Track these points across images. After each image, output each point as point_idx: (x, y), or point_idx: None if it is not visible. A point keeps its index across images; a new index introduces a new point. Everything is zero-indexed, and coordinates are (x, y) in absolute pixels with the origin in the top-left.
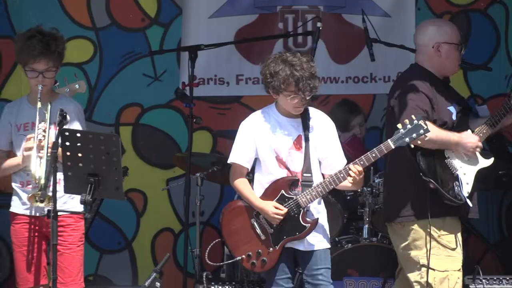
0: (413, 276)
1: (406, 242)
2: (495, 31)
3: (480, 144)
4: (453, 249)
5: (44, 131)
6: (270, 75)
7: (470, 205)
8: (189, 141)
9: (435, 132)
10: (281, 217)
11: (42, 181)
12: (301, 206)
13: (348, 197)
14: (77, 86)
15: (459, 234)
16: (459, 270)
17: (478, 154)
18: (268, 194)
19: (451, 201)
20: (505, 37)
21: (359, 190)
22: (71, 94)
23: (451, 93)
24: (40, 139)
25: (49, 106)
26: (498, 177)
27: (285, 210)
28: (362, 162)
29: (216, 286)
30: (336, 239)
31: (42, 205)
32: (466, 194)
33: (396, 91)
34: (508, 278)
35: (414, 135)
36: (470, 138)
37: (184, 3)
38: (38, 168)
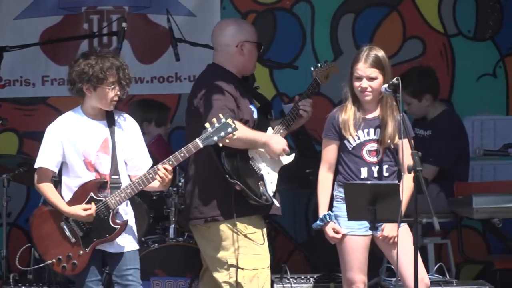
0: (221, 277)
1: (213, 243)
2: (301, 29)
3: (287, 149)
4: (261, 245)
5: None
6: (89, 67)
7: (278, 205)
8: None
9: (243, 132)
10: (94, 214)
11: None
12: (111, 208)
13: (154, 197)
14: None
15: (264, 230)
16: (267, 267)
17: None
18: (77, 198)
19: (257, 201)
20: (311, 35)
21: (165, 191)
22: None
23: (250, 92)
24: None
25: None
26: (305, 176)
27: (93, 207)
28: (170, 162)
29: (23, 287)
30: (143, 239)
31: None
32: (271, 193)
33: (199, 92)
34: (315, 277)
35: (222, 133)
36: (278, 142)
37: None
38: None
